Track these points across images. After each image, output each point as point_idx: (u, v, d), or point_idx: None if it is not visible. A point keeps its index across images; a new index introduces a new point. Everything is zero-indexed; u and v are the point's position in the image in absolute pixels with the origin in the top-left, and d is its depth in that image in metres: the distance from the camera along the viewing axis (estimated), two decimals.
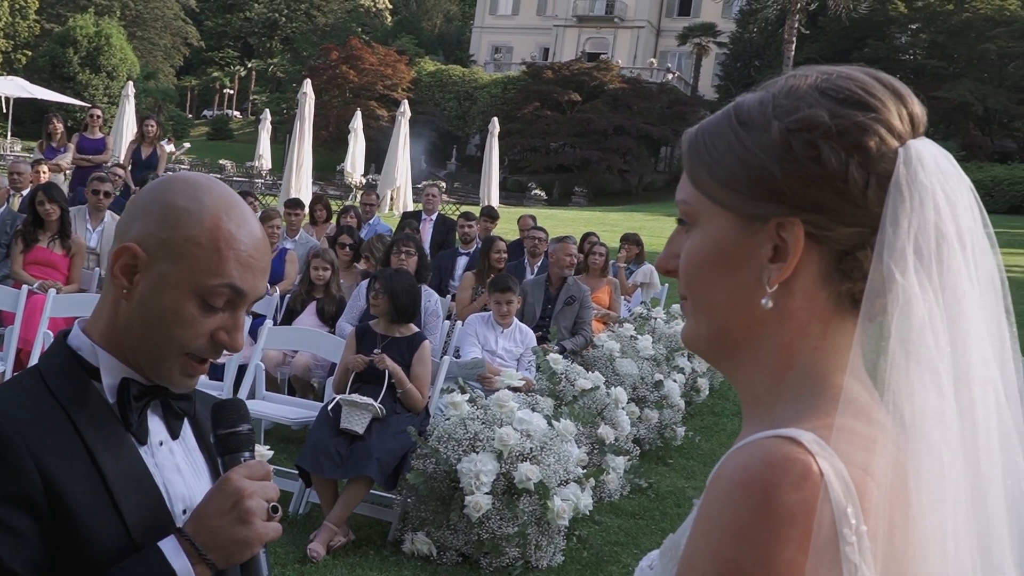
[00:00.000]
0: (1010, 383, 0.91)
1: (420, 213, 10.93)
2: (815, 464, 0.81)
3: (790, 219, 0.90)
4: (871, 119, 0.89)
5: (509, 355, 6.26)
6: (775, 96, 0.93)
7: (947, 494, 0.85)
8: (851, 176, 0.88)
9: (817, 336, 0.92)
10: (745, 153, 0.92)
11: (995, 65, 39.36)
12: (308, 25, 63.41)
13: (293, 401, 5.92)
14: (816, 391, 0.90)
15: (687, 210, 0.98)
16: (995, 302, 0.92)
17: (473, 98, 48.18)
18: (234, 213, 1.30)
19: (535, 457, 4.65)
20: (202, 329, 1.28)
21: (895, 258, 0.86)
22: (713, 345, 0.98)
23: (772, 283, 0.91)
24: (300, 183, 18.34)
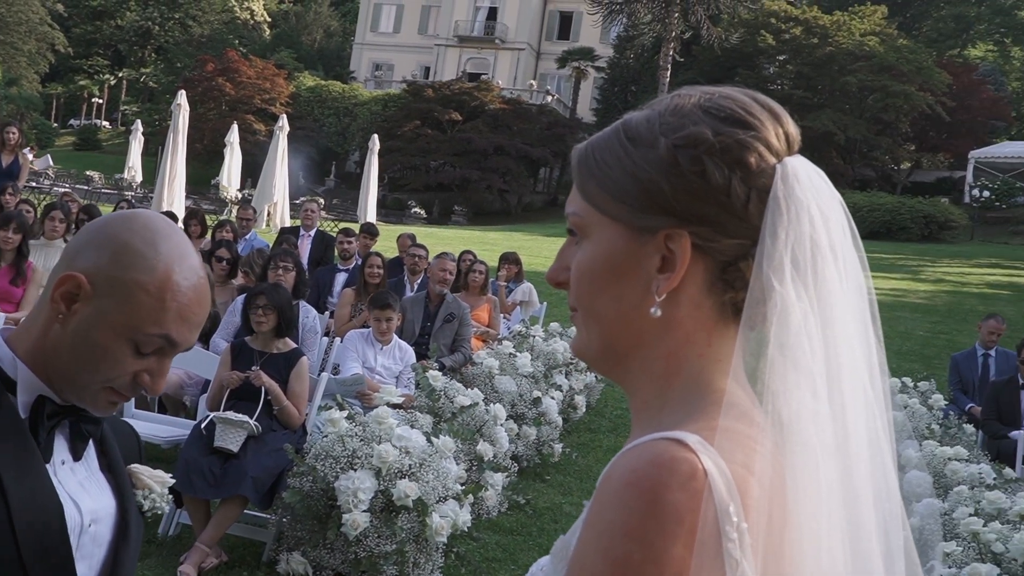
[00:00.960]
0: (877, 384, 0.97)
1: (298, 229, 10.78)
2: (700, 464, 0.84)
3: (678, 231, 0.94)
4: (751, 137, 0.94)
5: (388, 372, 6.23)
6: (661, 114, 0.98)
7: (821, 490, 0.89)
8: (733, 190, 0.93)
9: (702, 344, 0.96)
10: (634, 167, 0.96)
11: (855, 97, 41.31)
12: (183, 35, 61.85)
13: (163, 419, 5.75)
14: (701, 396, 0.94)
15: (577, 222, 1.01)
16: (863, 310, 0.98)
17: (353, 114, 47.83)
18: (185, 265, 1.31)
19: (414, 474, 4.63)
20: (128, 369, 1.29)
21: (774, 268, 0.91)
22: (603, 354, 1.01)
23: (660, 292, 0.94)
24: (173, 196, 17.80)
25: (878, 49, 40.87)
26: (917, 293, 19.67)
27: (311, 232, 10.55)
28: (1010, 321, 12.95)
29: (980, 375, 8.50)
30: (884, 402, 0.98)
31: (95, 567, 1.37)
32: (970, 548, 4.71)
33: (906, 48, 41.92)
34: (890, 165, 43.27)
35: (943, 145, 42.85)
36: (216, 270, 7.38)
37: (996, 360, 8.58)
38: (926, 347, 13.99)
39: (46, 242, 7.67)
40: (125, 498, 1.42)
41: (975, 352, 8.77)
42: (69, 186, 29.72)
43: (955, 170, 41.83)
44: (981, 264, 25.17)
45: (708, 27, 43.63)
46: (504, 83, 51.19)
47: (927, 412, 7.28)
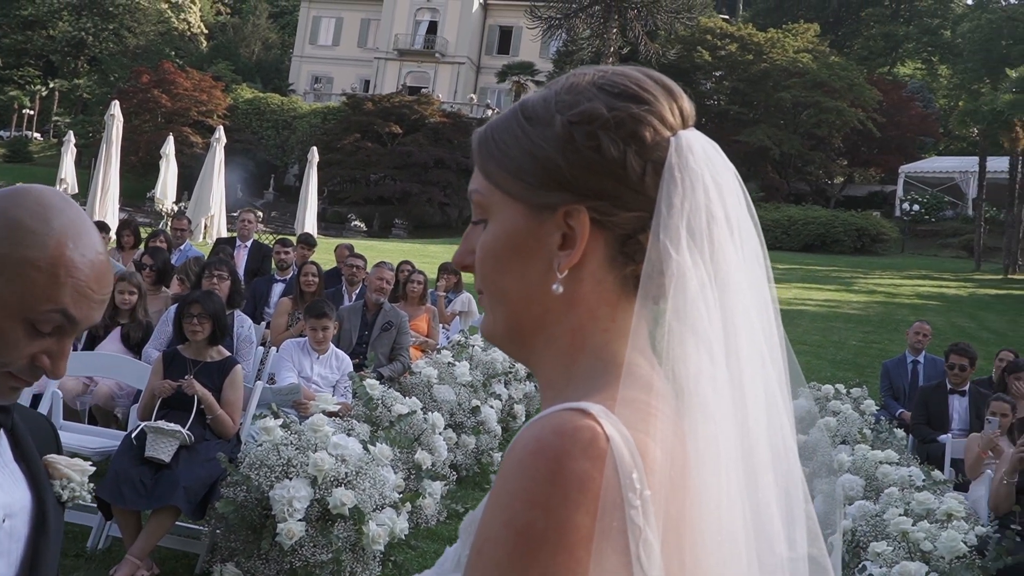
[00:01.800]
0: (775, 349, 1.00)
1: (234, 240, 10.65)
2: (602, 431, 0.85)
3: (576, 207, 0.95)
4: (645, 111, 0.96)
5: (325, 381, 6.18)
6: (557, 93, 1.00)
7: (721, 454, 0.91)
8: (629, 164, 0.95)
9: (606, 318, 0.97)
10: (532, 146, 0.98)
11: (790, 113, 42.13)
12: (117, 46, 60.83)
13: (93, 430, 5.62)
14: (605, 369, 0.95)
15: (479, 200, 1.02)
16: (760, 277, 1.00)
17: (292, 127, 47.47)
18: (81, 241, 1.25)
19: (350, 482, 4.59)
20: (24, 351, 1.23)
21: (670, 236, 0.93)
22: (510, 335, 1.02)
23: (562, 269, 0.96)
24: (106, 208, 17.53)
25: (811, 66, 41.75)
26: (851, 304, 20.08)
27: (247, 243, 10.43)
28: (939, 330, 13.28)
29: (910, 381, 8.70)
30: (782, 366, 1.00)
31: (13, 564, 1.31)
32: (900, 547, 4.81)
33: (838, 65, 42.90)
34: (824, 179, 44.16)
35: (874, 160, 43.86)
36: (144, 279, 7.26)
37: (924, 366, 8.78)
38: (859, 356, 14.27)
39: None
40: (42, 489, 1.36)
41: (905, 359, 8.97)
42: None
43: (886, 184, 42.85)
44: (911, 276, 25.80)
45: (646, 43, 44.21)
46: (444, 97, 51.24)
47: (859, 417, 7.41)
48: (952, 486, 6.08)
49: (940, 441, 7.27)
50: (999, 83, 32.13)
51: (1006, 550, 4.63)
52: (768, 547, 0.95)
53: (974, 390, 7.78)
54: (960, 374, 7.76)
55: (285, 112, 48.12)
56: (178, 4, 62.85)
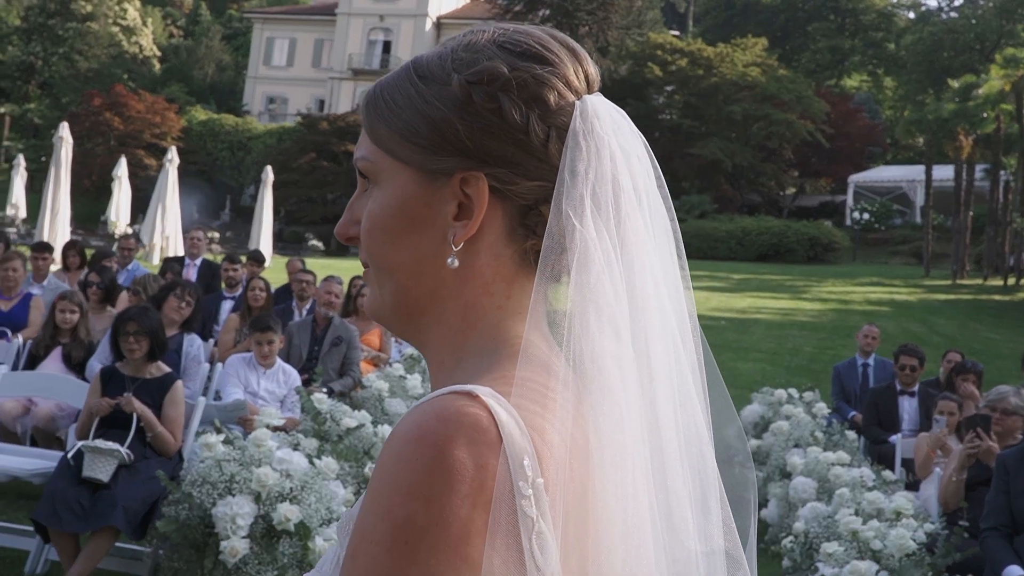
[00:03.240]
0: (686, 328, 0.94)
1: (183, 259, 10.52)
2: (490, 415, 0.79)
3: (474, 174, 0.89)
4: (549, 72, 0.90)
5: (272, 396, 6.09)
6: (454, 50, 0.93)
7: (626, 440, 0.84)
8: (532, 129, 0.88)
9: (501, 295, 0.91)
10: (425, 106, 0.90)
11: (741, 125, 42.57)
12: (69, 70, 60.03)
13: (31, 452, 5.48)
14: (497, 349, 0.89)
15: (367, 167, 0.95)
16: (670, 252, 0.95)
17: (247, 148, 47.12)
18: None
19: (295, 497, 4.51)
20: None
21: (573, 206, 0.87)
22: (398, 312, 0.95)
23: (457, 241, 0.89)
24: (55, 231, 17.22)
25: (760, 80, 42.27)
26: (804, 312, 20.28)
27: (196, 261, 10.31)
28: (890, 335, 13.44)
29: (860, 383, 8.77)
30: (693, 345, 0.95)
31: None
32: (851, 547, 4.82)
33: (786, 78, 43.47)
34: (776, 190, 44.63)
35: (824, 171, 44.46)
36: (91, 296, 7.14)
37: (874, 369, 8.85)
38: (813, 362, 14.39)
39: None
40: None
41: (855, 362, 9.04)
42: None
43: (836, 194, 43.42)
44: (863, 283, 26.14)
45: (597, 59, 44.50)
46: None
47: (811, 421, 7.45)
48: (903, 485, 6.12)
49: (891, 442, 7.33)
50: (942, 93, 32.84)
51: (955, 546, 4.66)
52: (678, 540, 0.89)
53: (923, 391, 7.86)
54: (910, 374, 7.84)
55: (240, 133, 47.78)
56: (130, 27, 62.19)
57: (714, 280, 24.59)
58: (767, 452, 7.29)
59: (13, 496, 5.46)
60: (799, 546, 5.36)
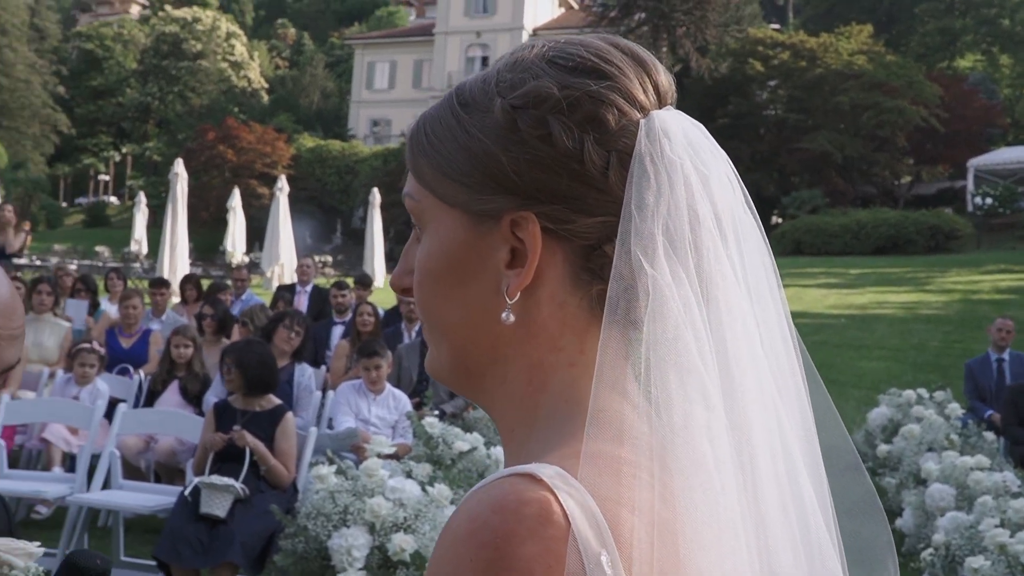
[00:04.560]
0: (785, 382, 0.80)
1: (294, 286, 10.71)
2: (557, 505, 0.66)
3: (524, 214, 0.76)
4: (606, 87, 0.77)
5: (383, 422, 6.08)
6: (499, 71, 0.81)
7: (723, 527, 0.71)
8: (588, 155, 0.75)
9: (572, 350, 0.78)
10: (466, 138, 0.79)
11: (849, 116, 41.33)
12: (183, 107, 62.50)
13: (152, 488, 5.61)
14: (572, 414, 0.75)
15: (412, 206, 0.84)
16: (768, 288, 0.81)
17: (355, 171, 48.08)
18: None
19: (410, 527, 4.46)
20: None
21: (642, 246, 0.73)
22: (457, 373, 0.84)
23: (511, 293, 0.77)
24: (175, 264, 17.86)
25: (867, 67, 40.99)
26: (929, 304, 19.46)
27: (308, 288, 10.47)
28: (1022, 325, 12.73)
29: (996, 380, 8.31)
30: (799, 402, 0.80)
31: None
32: (999, 561, 4.50)
33: (895, 64, 42.03)
34: (890, 180, 43.17)
35: (941, 156, 42.76)
36: (205, 327, 7.30)
37: (1011, 364, 8.38)
38: (941, 357, 13.77)
39: (35, 316, 7.59)
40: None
41: (988, 358, 8.57)
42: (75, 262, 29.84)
43: (955, 180, 41.70)
44: (990, 271, 24.95)
45: (697, 59, 43.87)
46: None
47: (945, 423, 7.06)
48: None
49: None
50: None
51: None
52: None
53: None
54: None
55: (347, 157, 48.81)
56: (238, 62, 64.43)
57: (831, 276, 23.85)
58: (898, 457, 6.93)
59: (140, 531, 5.58)
60: (940, 559, 5.05)
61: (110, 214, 59.46)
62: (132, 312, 7.71)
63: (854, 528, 0.84)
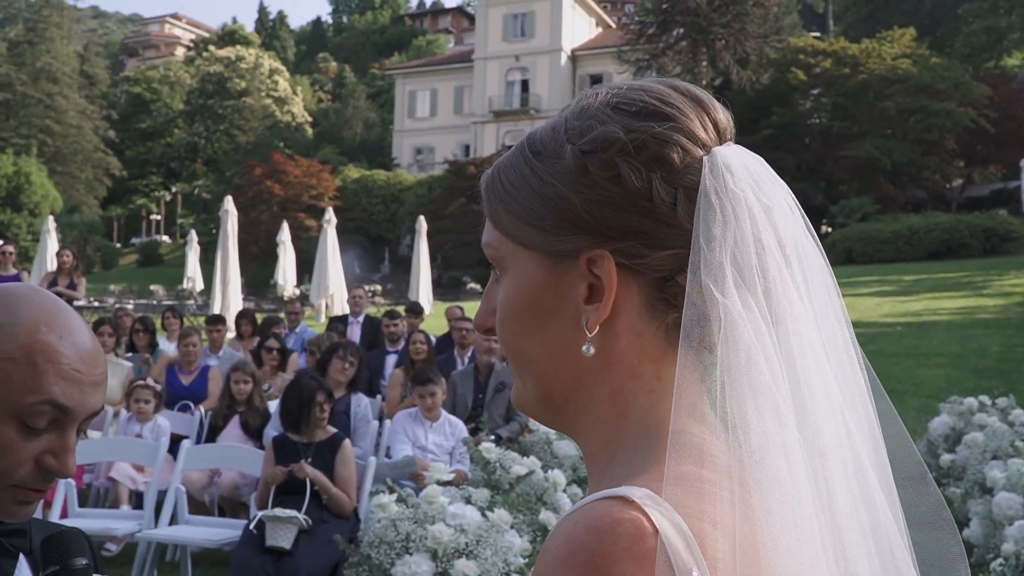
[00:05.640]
0: (854, 399, 0.83)
1: (347, 317, 10.83)
2: (649, 524, 0.70)
3: (599, 252, 0.82)
4: (669, 129, 0.82)
5: (441, 449, 6.13)
6: (567, 119, 0.87)
7: (801, 537, 0.75)
8: (656, 193, 0.80)
9: (650, 377, 0.83)
10: (540, 184, 0.85)
11: (896, 121, 40.84)
12: (230, 145, 63.63)
13: (218, 522, 5.69)
14: (654, 440, 0.80)
15: (492, 255, 0.90)
16: (832, 311, 0.85)
17: (400, 200, 48.50)
18: (56, 323, 1.17)
19: (472, 552, 4.49)
20: (24, 455, 1.13)
21: (713, 277, 0.78)
22: (542, 405, 0.89)
23: (591, 327, 0.82)
24: (228, 300, 18.14)
25: (912, 71, 40.51)
26: (987, 309, 19.10)
27: (360, 318, 10.58)
28: None
29: None
30: (867, 419, 0.84)
31: None
32: None
33: (940, 66, 41.49)
34: (941, 184, 42.53)
35: (993, 157, 42.03)
36: (267, 361, 7.42)
37: None
38: (1003, 362, 13.49)
39: None
40: None
41: None
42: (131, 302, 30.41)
43: (1009, 181, 40.93)
44: None
45: (737, 72, 43.71)
46: None
47: (1008, 430, 6.93)
48: None
49: None
50: None
51: None
52: None
53: None
54: None
55: (392, 186, 49.25)
56: (282, 98, 65.48)
57: (884, 284, 23.52)
58: (962, 466, 6.81)
59: (207, 564, 5.67)
60: (1010, 569, 4.96)
61: (163, 253, 60.58)
62: (192, 350, 7.87)
63: (923, 540, 0.86)
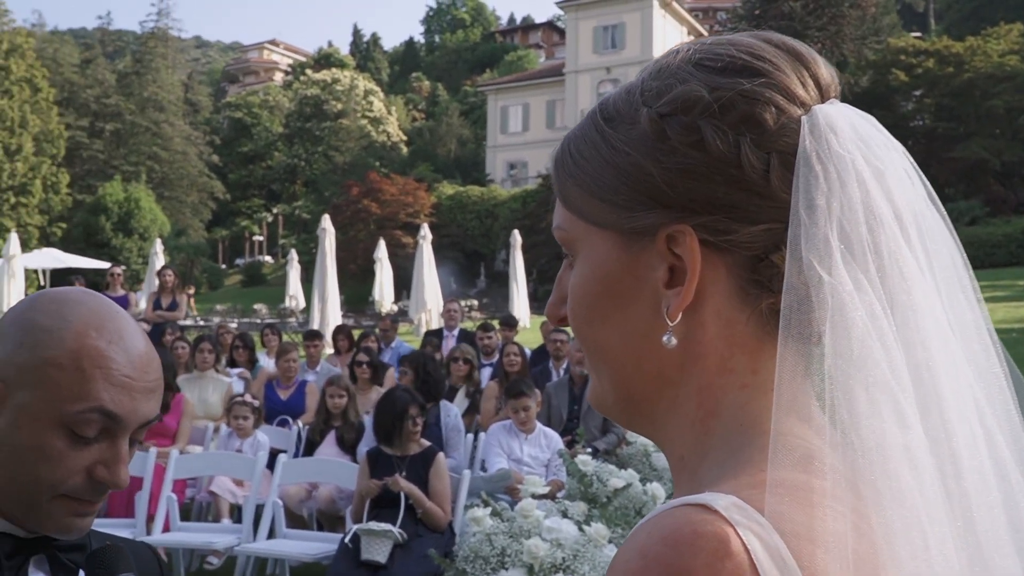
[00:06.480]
0: (994, 394, 0.71)
1: (442, 331, 10.86)
2: (736, 538, 0.60)
3: (680, 227, 0.71)
4: (761, 85, 0.71)
5: (536, 462, 6.04)
6: (643, 81, 0.76)
7: (932, 558, 0.63)
8: (745, 159, 0.69)
9: (744, 371, 0.72)
10: (613, 153, 0.74)
11: (1004, 120, 39.34)
12: (327, 165, 64.96)
13: (315, 536, 5.72)
14: (748, 440, 0.70)
15: (562, 237, 0.80)
16: (960, 288, 0.72)
17: (494, 215, 48.78)
18: (106, 328, 1.13)
19: (569, 567, 4.39)
20: (74, 465, 1.09)
21: (816, 252, 0.67)
22: (620, 403, 0.78)
23: (672, 314, 0.72)
24: (327, 317, 18.43)
25: (1020, 67, 38.96)
26: None
27: (454, 332, 10.60)
28: None
29: None
30: (1009, 417, 0.71)
31: None
32: None
33: None
34: None
35: None
36: (359, 375, 7.47)
37: None
38: None
39: (199, 374, 7.93)
40: None
41: None
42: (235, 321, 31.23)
43: None
44: None
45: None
46: None
47: None
48: None
49: None
50: None
51: None
52: None
53: None
54: None
55: (486, 202, 49.59)
56: (377, 118, 66.62)
57: (996, 290, 22.57)
58: None
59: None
60: None
61: (265, 273, 62.16)
62: (290, 365, 7.97)
63: None
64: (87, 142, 58.21)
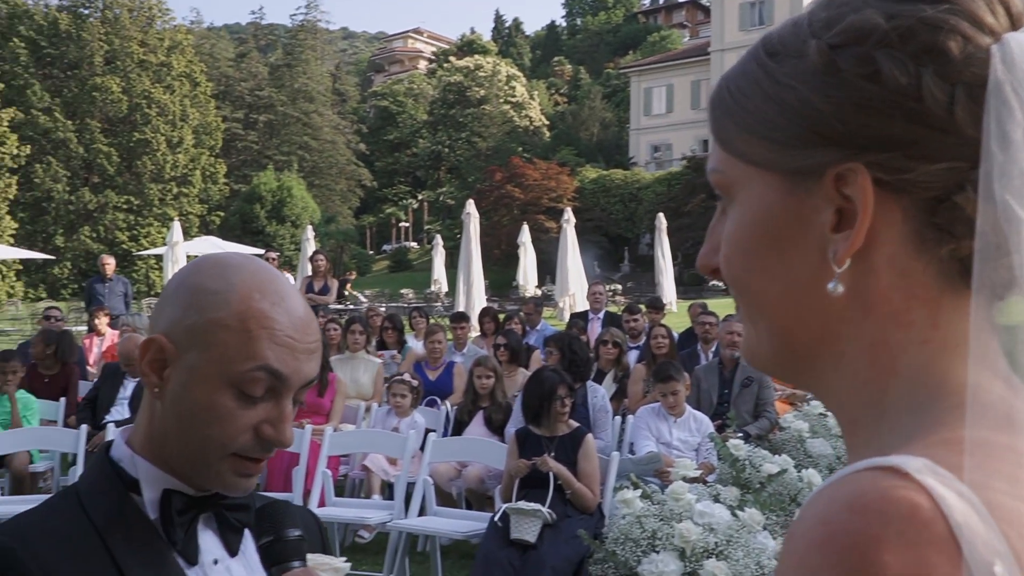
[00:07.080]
0: None
1: (587, 313, 10.82)
2: (930, 502, 0.54)
3: (851, 166, 0.65)
4: (945, 12, 0.64)
5: (686, 445, 5.93)
6: (812, 12, 0.69)
7: None
8: (927, 91, 0.63)
9: (925, 325, 0.66)
10: (777, 89, 0.69)
11: None
12: (471, 151, 65.80)
13: (464, 514, 5.78)
14: (932, 400, 0.63)
15: (718, 180, 0.74)
16: None
17: (638, 199, 48.38)
18: (268, 290, 1.16)
19: (722, 552, 4.27)
20: (243, 424, 1.13)
21: (1012, 189, 0.60)
22: (781, 358, 0.72)
23: (840, 260, 0.66)
24: (472, 300, 18.67)
25: None
26: None
27: (600, 314, 10.54)
28: None
29: None
30: None
31: None
32: None
33: None
34: None
35: None
36: (499, 358, 7.51)
37: None
38: None
39: (350, 355, 8.13)
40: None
41: None
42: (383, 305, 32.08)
43: None
44: None
45: None
46: None
47: None
48: None
49: None
50: None
51: None
52: None
53: None
54: None
55: (629, 185, 49.23)
56: (519, 103, 66.99)
57: None
58: None
59: (456, 556, 5.76)
60: None
61: (411, 258, 63.58)
62: (437, 347, 8.08)
63: None
64: (242, 133, 60.72)
